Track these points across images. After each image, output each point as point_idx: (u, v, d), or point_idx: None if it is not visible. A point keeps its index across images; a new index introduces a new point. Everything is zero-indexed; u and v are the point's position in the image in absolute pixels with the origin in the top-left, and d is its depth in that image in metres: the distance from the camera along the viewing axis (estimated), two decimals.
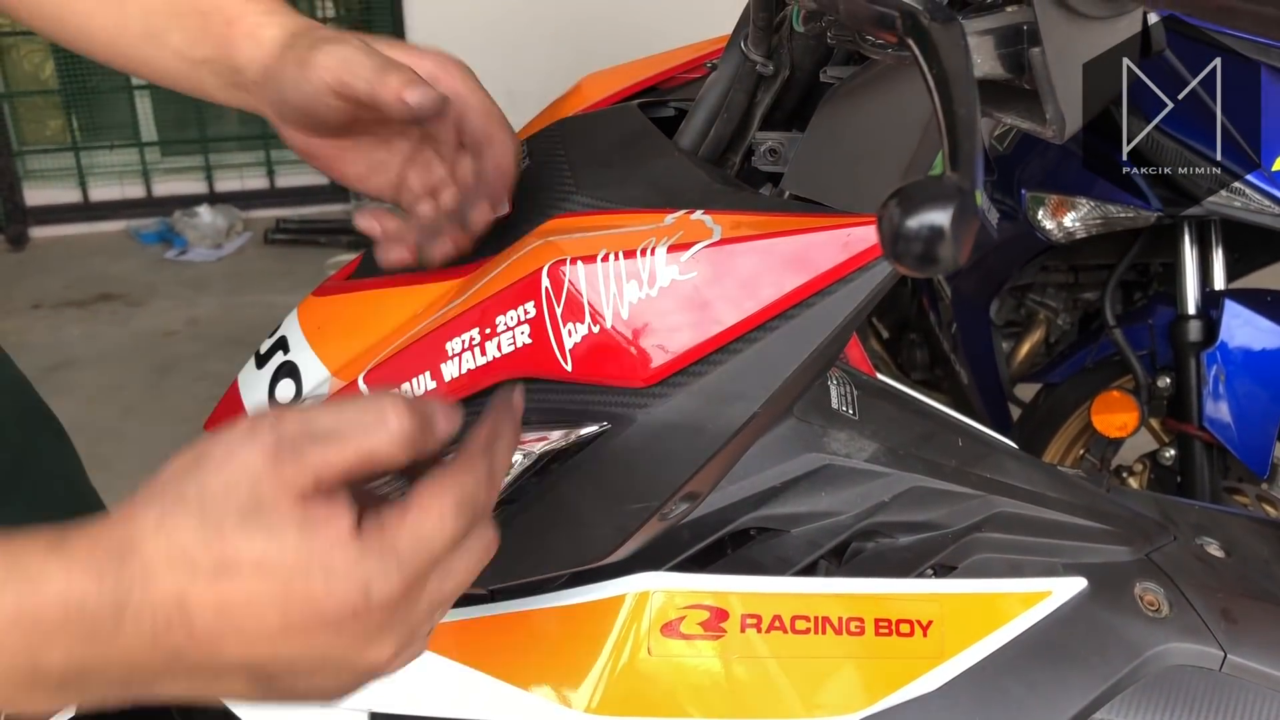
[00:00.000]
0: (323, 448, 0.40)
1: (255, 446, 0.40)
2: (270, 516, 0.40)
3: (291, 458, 0.40)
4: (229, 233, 3.66)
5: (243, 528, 0.39)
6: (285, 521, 0.40)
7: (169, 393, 2.75)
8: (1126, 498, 0.68)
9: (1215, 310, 1.45)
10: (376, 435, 0.41)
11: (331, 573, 0.40)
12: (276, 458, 0.40)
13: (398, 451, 0.41)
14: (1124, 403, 1.52)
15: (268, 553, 0.39)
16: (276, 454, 0.40)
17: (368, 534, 0.40)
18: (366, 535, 0.40)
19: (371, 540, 0.40)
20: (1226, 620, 0.60)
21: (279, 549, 0.39)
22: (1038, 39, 0.43)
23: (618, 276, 0.50)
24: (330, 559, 0.40)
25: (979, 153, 0.34)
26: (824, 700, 0.56)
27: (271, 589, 0.39)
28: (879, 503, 0.60)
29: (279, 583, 0.39)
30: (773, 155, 0.62)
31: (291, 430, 0.41)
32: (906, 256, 0.32)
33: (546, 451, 0.53)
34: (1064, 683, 0.57)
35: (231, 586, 0.39)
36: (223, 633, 0.39)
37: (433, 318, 0.57)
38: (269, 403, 0.64)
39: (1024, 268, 1.68)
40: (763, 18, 0.58)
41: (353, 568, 0.40)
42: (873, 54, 0.50)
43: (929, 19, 0.39)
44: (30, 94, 3.83)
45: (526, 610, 0.58)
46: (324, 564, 0.40)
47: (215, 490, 0.40)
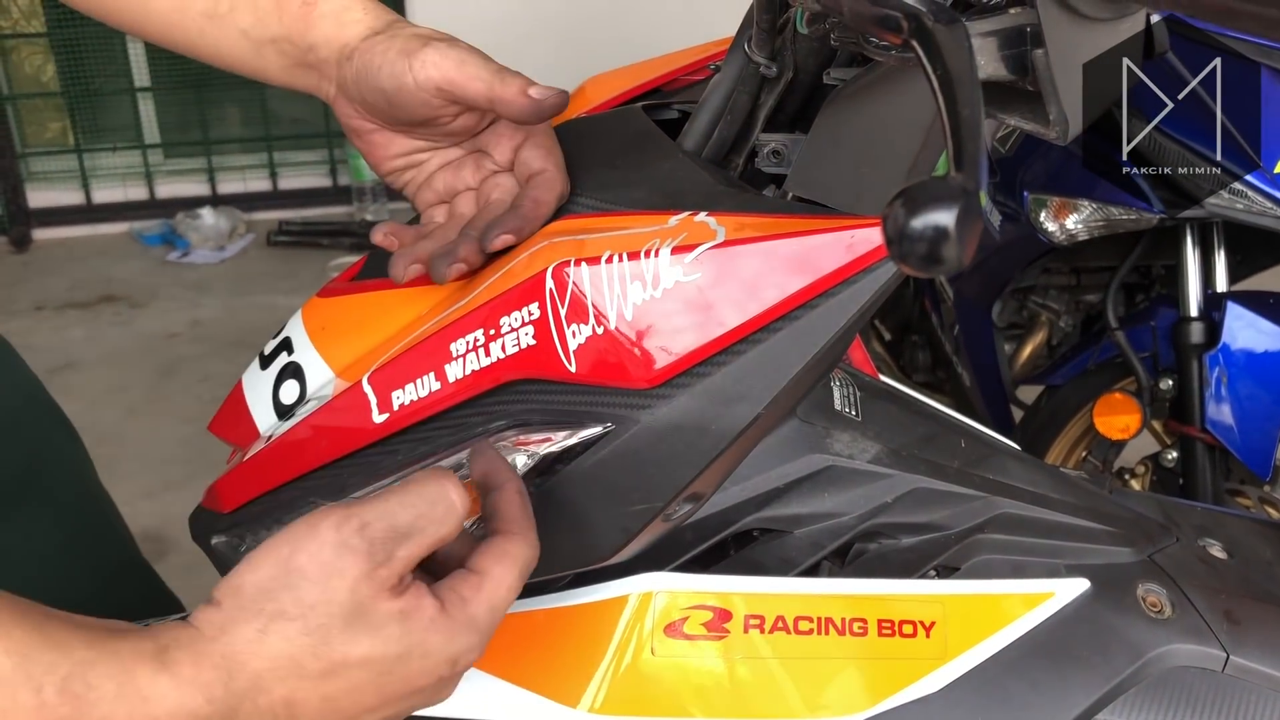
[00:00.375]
0: (407, 546, 0.44)
1: (350, 556, 0.43)
2: (372, 617, 0.43)
3: (384, 561, 0.44)
4: (231, 235, 3.66)
5: (347, 632, 0.43)
6: (385, 619, 0.44)
7: (171, 394, 2.75)
8: (1129, 499, 0.68)
9: (1217, 312, 1.45)
10: (448, 524, 0.46)
11: (427, 654, 0.44)
12: (371, 563, 0.43)
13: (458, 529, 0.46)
14: (1126, 405, 1.52)
15: (373, 649, 0.43)
16: (370, 559, 0.43)
17: (451, 609, 0.45)
18: (451, 611, 0.45)
19: (458, 616, 0.45)
20: (1229, 621, 0.60)
21: (382, 644, 0.44)
22: (1041, 40, 0.43)
23: (622, 278, 0.50)
24: (426, 643, 0.44)
25: (983, 154, 0.34)
26: (827, 701, 0.56)
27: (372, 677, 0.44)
28: (882, 504, 0.60)
29: (380, 671, 0.44)
30: (776, 157, 0.62)
31: (379, 534, 0.44)
32: (911, 257, 0.32)
33: (550, 452, 0.54)
34: (1067, 684, 0.57)
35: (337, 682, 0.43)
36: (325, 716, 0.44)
37: (437, 319, 0.57)
38: (273, 405, 0.64)
39: (1026, 270, 1.68)
40: (766, 20, 0.58)
41: (445, 646, 0.45)
42: (876, 56, 0.50)
43: (933, 21, 0.39)
44: (33, 96, 3.83)
45: (530, 610, 0.58)
46: (421, 649, 0.44)
47: (315, 601, 0.43)
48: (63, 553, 0.81)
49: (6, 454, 0.77)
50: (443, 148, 0.62)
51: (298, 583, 0.43)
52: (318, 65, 0.61)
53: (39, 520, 0.79)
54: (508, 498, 0.49)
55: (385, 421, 0.57)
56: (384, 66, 0.57)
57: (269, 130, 3.89)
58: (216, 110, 3.92)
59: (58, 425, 0.86)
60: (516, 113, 0.57)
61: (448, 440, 0.56)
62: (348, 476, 0.59)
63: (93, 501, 0.87)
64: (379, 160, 0.62)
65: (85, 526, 0.85)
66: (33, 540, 0.78)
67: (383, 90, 0.58)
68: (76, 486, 0.85)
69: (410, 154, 0.62)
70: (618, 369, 0.51)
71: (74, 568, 0.81)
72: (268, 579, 0.43)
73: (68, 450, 0.86)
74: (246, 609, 0.43)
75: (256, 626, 0.43)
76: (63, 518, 0.81)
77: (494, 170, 0.62)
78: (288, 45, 0.61)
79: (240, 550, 0.65)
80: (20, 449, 0.79)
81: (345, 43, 0.60)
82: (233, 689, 0.42)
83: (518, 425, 0.54)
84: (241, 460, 0.64)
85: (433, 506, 0.45)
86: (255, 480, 0.63)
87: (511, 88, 0.56)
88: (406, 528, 0.45)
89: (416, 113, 0.59)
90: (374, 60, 0.58)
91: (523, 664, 0.58)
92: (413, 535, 0.45)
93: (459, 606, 0.45)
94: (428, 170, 0.63)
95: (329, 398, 0.60)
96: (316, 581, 0.43)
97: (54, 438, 0.85)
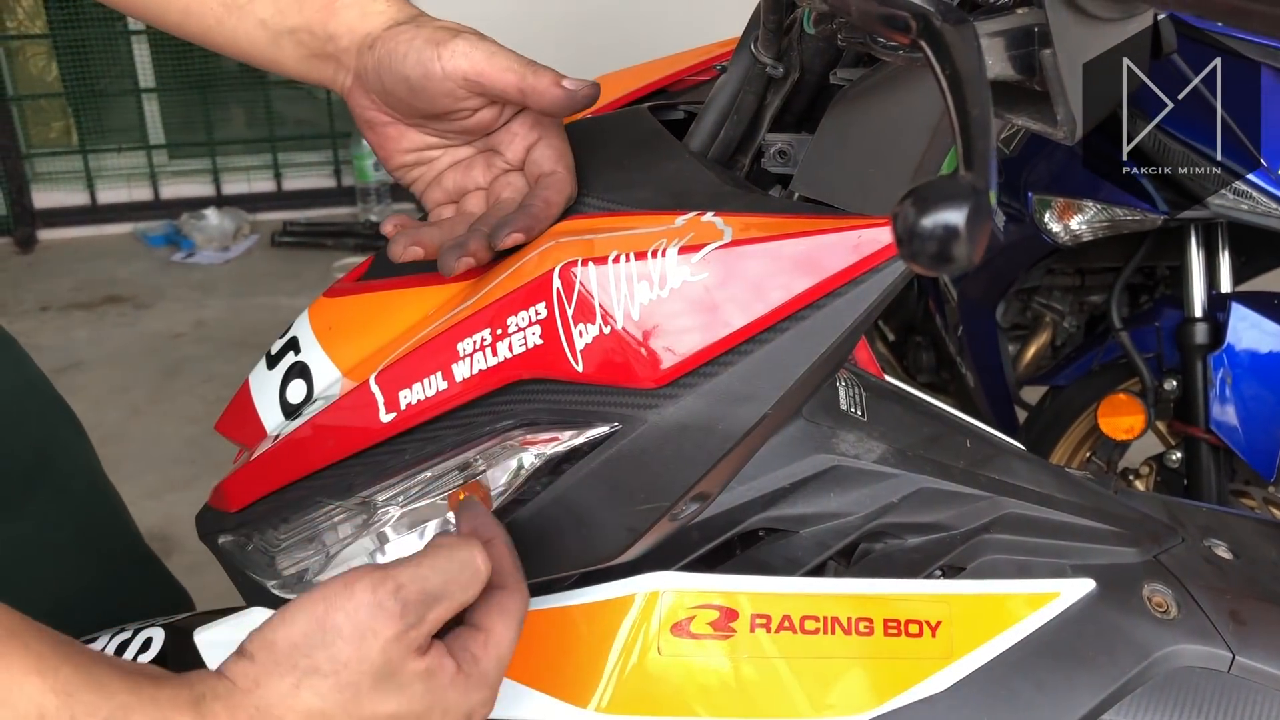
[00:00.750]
0: (437, 610, 0.46)
1: (385, 618, 0.45)
2: (400, 676, 0.45)
3: (415, 624, 0.46)
4: (236, 235, 3.66)
5: (377, 690, 0.45)
6: (413, 678, 0.46)
7: (176, 394, 2.75)
8: (1134, 500, 0.68)
9: (1222, 313, 1.45)
10: (473, 589, 0.48)
11: (447, 711, 0.46)
12: (404, 625, 0.45)
13: (479, 592, 0.48)
14: (1130, 405, 1.52)
15: (399, 707, 0.45)
16: (403, 621, 0.45)
17: (466, 667, 0.47)
18: (467, 668, 0.47)
19: (472, 673, 0.47)
20: (1235, 622, 0.60)
21: (408, 702, 0.45)
22: (1049, 40, 0.43)
23: (629, 278, 0.50)
24: (446, 700, 0.46)
25: (993, 153, 0.34)
26: (833, 700, 0.56)
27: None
28: (887, 504, 0.60)
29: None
30: (782, 157, 0.62)
31: (413, 596, 0.46)
32: (921, 256, 0.32)
33: (557, 452, 0.54)
34: (1072, 684, 0.57)
35: None
36: None
37: (444, 318, 0.57)
38: (280, 404, 0.64)
39: (1030, 270, 1.68)
40: (773, 20, 0.58)
41: (462, 702, 0.47)
42: (884, 56, 0.50)
43: (941, 21, 0.39)
44: (38, 97, 3.84)
45: (536, 610, 0.58)
46: (442, 705, 0.46)
47: (348, 659, 0.45)
48: (73, 542, 0.81)
49: (16, 446, 0.78)
50: (454, 145, 0.63)
51: (333, 641, 0.45)
52: (336, 55, 0.61)
53: (50, 511, 0.79)
54: (499, 552, 0.51)
55: (392, 421, 0.57)
56: (410, 54, 0.58)
57: (273, 131, 3.89)
58: (221, 111, 3.92)
59: (65, 418, 0.87)
60: (548, 103, 0.57)
61: (455, 440, 0.56)
62: (355, 476, 0.60)
63: (100, 493, 0.88)
64: (390, 154, 0.63)
65: (94, 517, 0.85)
66: (44, 530, 0.79)
67: (406, 78, 0.58)
68: (85, 478, 0.86)
69: (422, 150, 0.62)
70: (625, 369, 0.51)
71: (84, 557, 0.82)
72: (301, 635, 0.45)
73: (75, 443, 0.87)
74: (281, 664, 0.45)
75: (291, 681, 0.44)
76: (72, 508, 0.82)
77: (505, 169, 0.62)
78: (306, 35, 0.61)
79: (247, 549, 0.65)
80: (29, 441, 0.80)
81: (368, 32, 0.60)
82: None
83: (525, 425, 0.54)
84: (248, 460, 0.65)
85: (461, 571, 0.47)
86: (262, 480, 0.63)
87: (544, 79, 0.57)
88: (438, 592, 0.47)
89: (438, 103, 0.59)
90: (399, 48, 0.58)
91: (530, 663, 0.58)
92: (442, 600, 0.47)
93: (472, 665, 0.47)
94: (438, 168, 0.63)
95: (336, 397, 0.60)
96: (351, 640, 0.45)
97: (61, 431, 0.85)
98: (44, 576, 0.78)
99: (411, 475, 0.58)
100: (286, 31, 0.62)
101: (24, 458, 0.78)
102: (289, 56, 0.63)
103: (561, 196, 0.59)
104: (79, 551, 0.82)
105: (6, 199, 3.66)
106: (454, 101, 0.58)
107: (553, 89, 0.57)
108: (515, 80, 0.57)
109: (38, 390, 0.84)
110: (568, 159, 0.60)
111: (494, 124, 0.61)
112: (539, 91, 0.57)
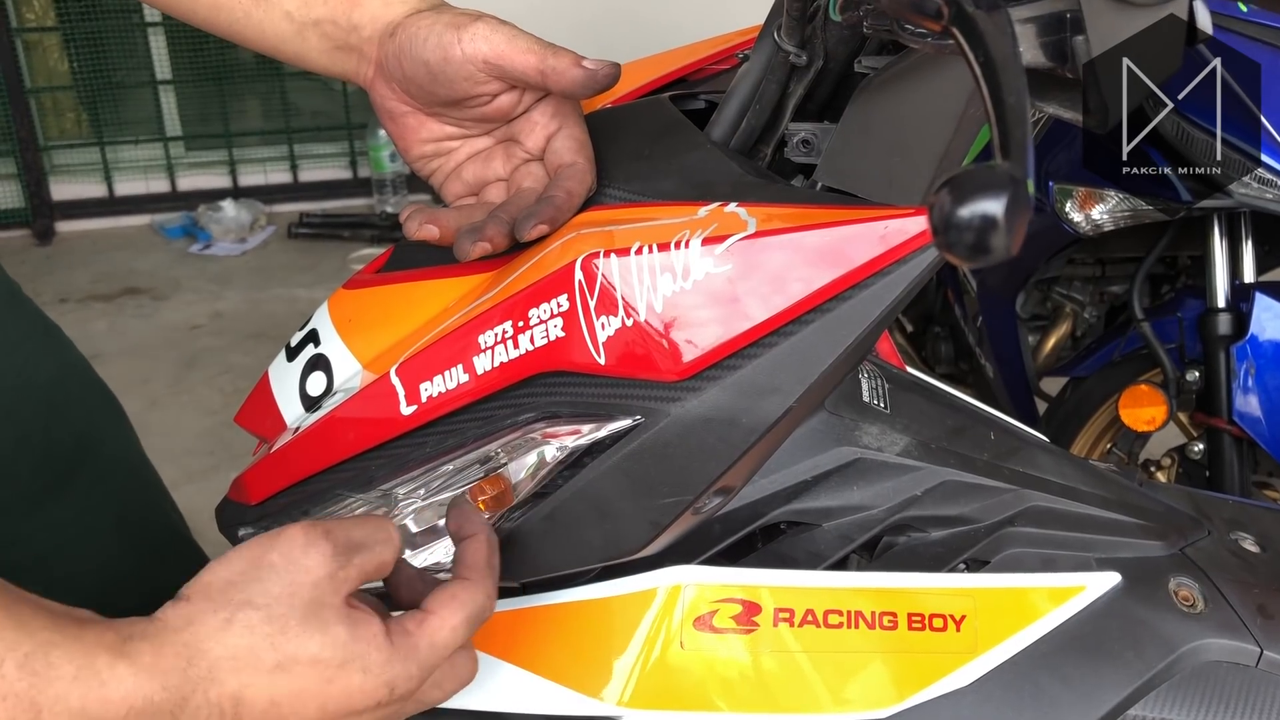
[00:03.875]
0: (362, 556, 0.48)
1: (316, 555, 0.46)
2: (326, 614, 0.46)
3: (344, 565, 0.47)
4: (253, 227, 3.68)
5: (304, 625, 0.45)
6: (336, 620, 0.46)
7: (194, 385, 2.77)
8: (1159, 492, 0.67)
9: (1245, 303, 1.43)
10: (389, 549, 0.49)
11: (367, 670, 0.46)
12: (334, 563, 0.47)
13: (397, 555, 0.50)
14: (1152, 396, 1.50)
15: (322, 648, 0.46)
16: (333, 559, 0.47)
17: (395, 636, 0.48)
18: (395, 637, 0.48)
19: (399, 642, 0.47)
20: (1263, 616, 0.59)
21: (331, 646, 0.46)
22: (1081, 27, 0.42)
23: (651, 269, 0.50)
24: (368, 657, 0.46)
25: (1030, 141, 0.33)
26: (857, 695, 0.56)
27: (317, 683, 0.46)
28: (911, 497, 0.60)
29: (324, 678, 0.46)
30: (805, 146, 0.62)
31: (340, 540, 0.47)
32: (958, 246, 0.32)
33: (579, 445, 0.53)
34: (1098, 678, 0.56)
35: (285, 680, 0.45)
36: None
37: (465, 310, 0.57)
38: (300, 396, 0.64)
39: (1050, 260, 1.67)
40: (796, 7, 0.58)
41: (384, 667, 0.47)
42: (911, 43, 0.49)
43: (974, 6, 0.39)
44: (55, 89, 3.86)
45: (558, 603, 0.58)
46: (362, 661, 0.46)
47: (279, 593, 0.46)
48: (114, 528, 0.82)
49: (59, 432, 0.78)
50: (473, 135, 0.62)
51: (266, 575, 0.46)
52: (359, 46, 0.61)
53: (91, 496, 0.80)
54: (474, 547, 0.52)
55: (413, 414, 0.57)
56: (430, 38, 0.58)
57: (289, 123, 3.90)
58: (237, 103, 3.94)
59: (107, 404, 0.87)
60: (569, 83, 0.57)
61: (476, 432, 0.56)
62: (375, 469, 0.59)
63: (142, 478, 0.89)
64: (409, 144, 0.62)
65: (135, 503, 0.86)
66: (86, 516, 0.79)
67: (426, 62, 0.58)
68: (126, 463, 0.87)
69: (441, 140, 0.62)
70: (647, 361, 0.50)
71: (125, 543, 0.82)
72: (238, 574, 0.46)
73: (117, 428, 0.87)
74: (215, 599, 0.45)
75: (224, 616, 0.45)
76: (114, 494, 0.83)
77: (525, 159, 0.62)
78: (331, 27, 0.62)
79: None
80: (72, 427, 0.80)
81: (390, 20, 0.60)
82: (189, 675, 0.44)
83: (546, 418, 0.54)
84: (268, 452, 0.64)
85: (377, 531, 0.49)
86: (282, 472, 0.63)
87: (564, 59, 0.57)
88: (360, 540, 0.48)
89: (458, 88, 0.58)
90: (419, 33, 0.58)
91: (552, 657, 0.57)
92: (364, 549, 0.48)
93: (401, 635, 0.48)
94: (456, 159, 0.63)
95: (356, 389, 0.60)
96: (284, 574, 0.46)
97: (104, 416, 0.86)
98: (86, 561, 0.78)
99: (432, 468, 0.58)
100: (312, 23, 0.62)
101: (66, 443, 0.79)
102: (314, 49, 0.63)
103: (583, 187, 0.58)
104: (121, 536, 0.82)
105: (24, 191, 3.68)
106: (473, 85, 0.58)
107: (573, 69, 0.56)
108: (535, 61, 0.57)
109: (80, 376, 0.85)
110: (588, 149, 0.60)
111: (513, 110, 0.61)
112: (559, 72, 0.57)
